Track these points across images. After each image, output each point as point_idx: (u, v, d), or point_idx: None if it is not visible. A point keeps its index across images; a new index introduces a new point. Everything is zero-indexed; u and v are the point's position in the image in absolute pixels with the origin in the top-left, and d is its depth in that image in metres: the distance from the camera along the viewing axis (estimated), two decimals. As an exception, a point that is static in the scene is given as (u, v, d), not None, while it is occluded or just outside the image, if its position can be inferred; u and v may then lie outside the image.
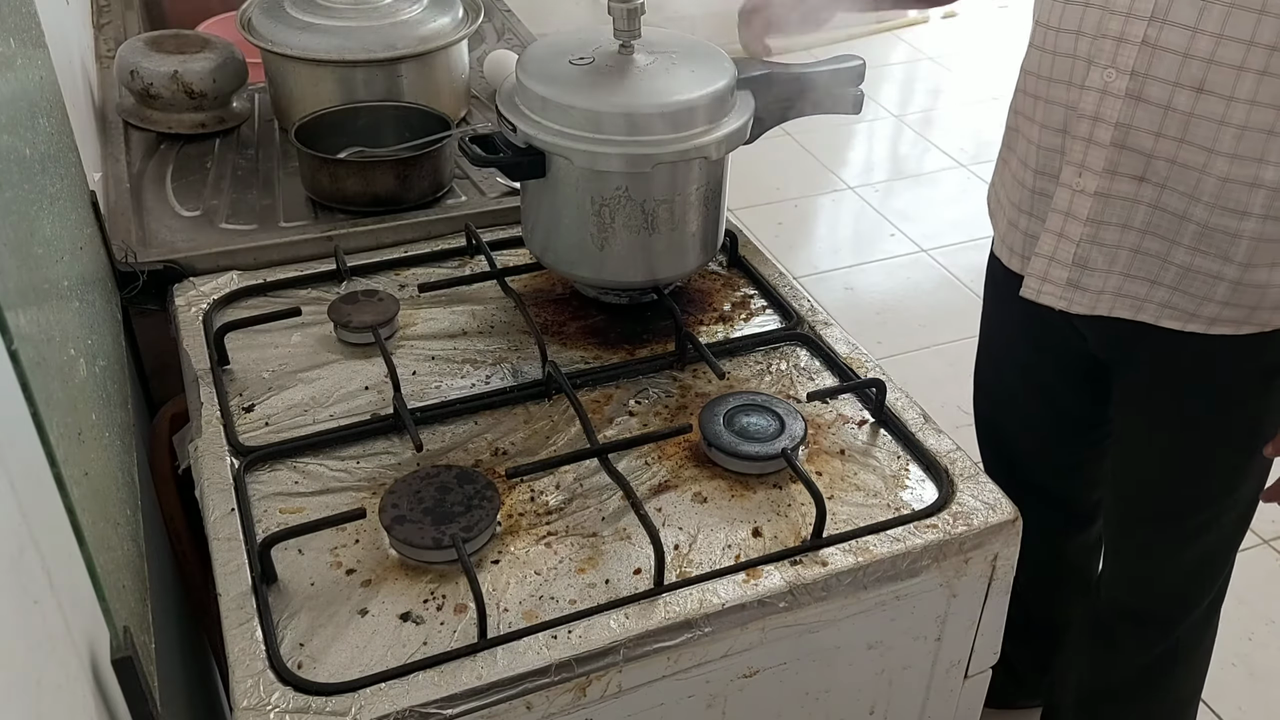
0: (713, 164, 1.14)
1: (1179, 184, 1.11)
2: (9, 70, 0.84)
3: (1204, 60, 1.05)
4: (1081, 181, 1.17)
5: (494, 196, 1.41)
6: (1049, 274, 1.23)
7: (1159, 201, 1.13)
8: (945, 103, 4.11)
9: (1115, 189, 1.15)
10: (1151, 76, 1.09)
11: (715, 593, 0.91)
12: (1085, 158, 1.15)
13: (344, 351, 1.17)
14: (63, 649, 0.63)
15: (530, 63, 1.14)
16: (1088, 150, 1.15)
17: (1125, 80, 1.10)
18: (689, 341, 1.15)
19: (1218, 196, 1.09)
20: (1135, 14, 1.08)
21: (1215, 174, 1.08)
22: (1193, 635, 1.46)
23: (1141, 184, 1.14)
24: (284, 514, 0.97)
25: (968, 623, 1.03)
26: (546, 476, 1.02)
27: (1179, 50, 1.06)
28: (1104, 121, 1.13)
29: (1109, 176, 1.15)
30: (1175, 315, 1.19)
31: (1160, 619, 1.44)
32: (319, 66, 1.45)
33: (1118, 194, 1.15)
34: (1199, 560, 1.38)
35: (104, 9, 1.90)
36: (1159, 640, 1.45)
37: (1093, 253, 1.19)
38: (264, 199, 1.40)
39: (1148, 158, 1.12)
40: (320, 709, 0.80)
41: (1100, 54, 1.11)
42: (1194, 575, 1.40)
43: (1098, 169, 1.15)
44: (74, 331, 0.87)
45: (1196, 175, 1.09)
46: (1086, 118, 1.14)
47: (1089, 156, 1.15)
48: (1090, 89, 1.13)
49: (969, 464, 1.04)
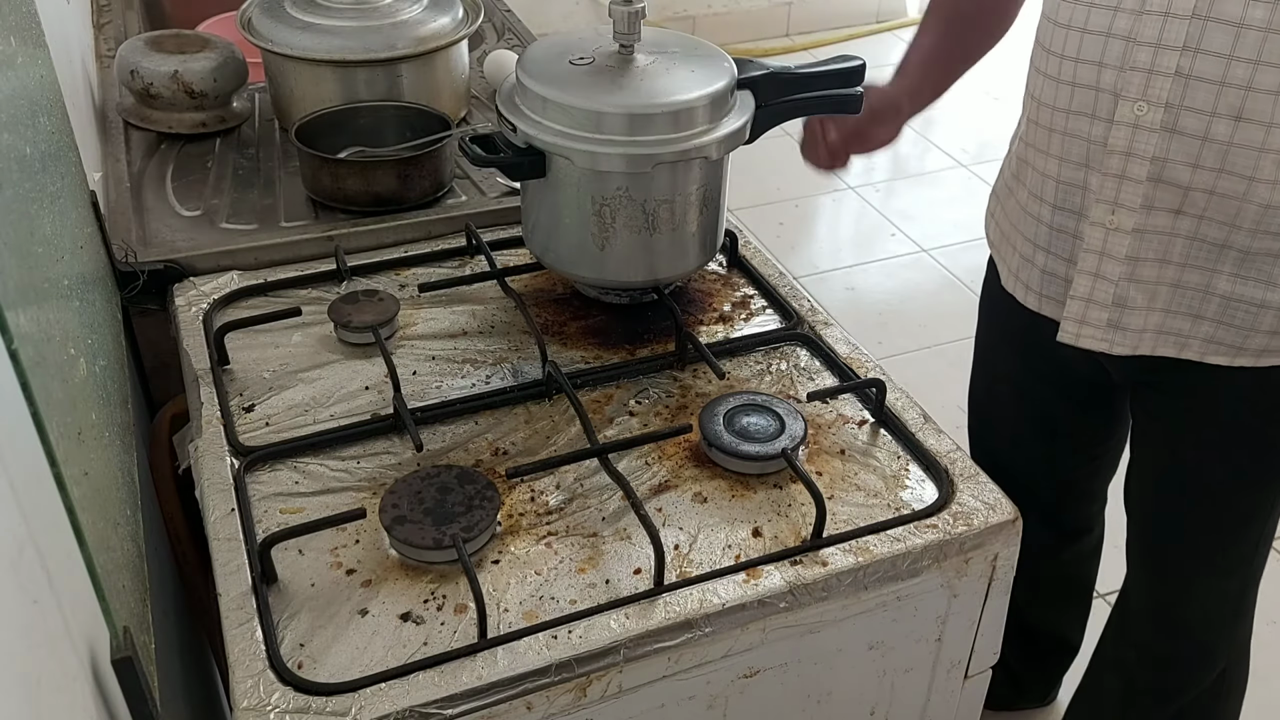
0: (713, 164, 1.14)
1: (1218, 214, 1.06)
2: (9, 69, 0.84)
3: (1241, 88, 1.01)
4: (1116, 219, 1.11)
5: (494, 196, 1.41)
6: (1087, 316, 1.17)
7: (1197, 232, 1.09)
8: (945, 103, 4.09)
9: (1151, 224, 1.10)
10: (1187, 108, 1.04)
11: (715, 593, 0.91)
12: (1119, 195, 1.10)
13: (344, 351, 1.17)
14: (63, 649, 0.63)
15: (530, 63, 1.14)
16: (1121, 187, 1.10)
17: (1160, 113, 1.05)
18: (689, 341, 1.15)
19: (1259, 222, 1.05)
20: (1166, 44, 1.03)
21: (1256, 201, 1.04)
22: (1236, 670, 1.42)
23: (1179, 216, 1.09)
24: (284, 514, 0.97)
25: (968, 623, 1.03)
26: (547, 476, 1.01)
27: (1215, 79, 1.02)
28: (1138, 157, 1.08)
29: (1145, 212, 1.10)
30: (1222, 350, 1.14)
31: (1191, 662, 1.38)
32: (319, 66, 1.45)
33: (1154, 229, 1.10)
34: (1232, 596, 1.33)
35: (104, 9, 1.89)
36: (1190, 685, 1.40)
37: (1132, 291, 1.14)
38: (264, 199, 1.40)
39: (1184, 190, 1.07)
40: (320, 709, 0.80)
41: (1129, 87, 1.06)
42: (1228, 613, 1.35)
43: (1134, 206, 1.10)
44: (74, 331, 0.87)
45: (1236, 204, 1.05)
46: (1118, 153, 1.09)
47: (1123, 194, 1.10)
48: (1121, 124, 1.08)
49: (969, 464, 1.04)
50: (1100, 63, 1.08)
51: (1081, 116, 1.12)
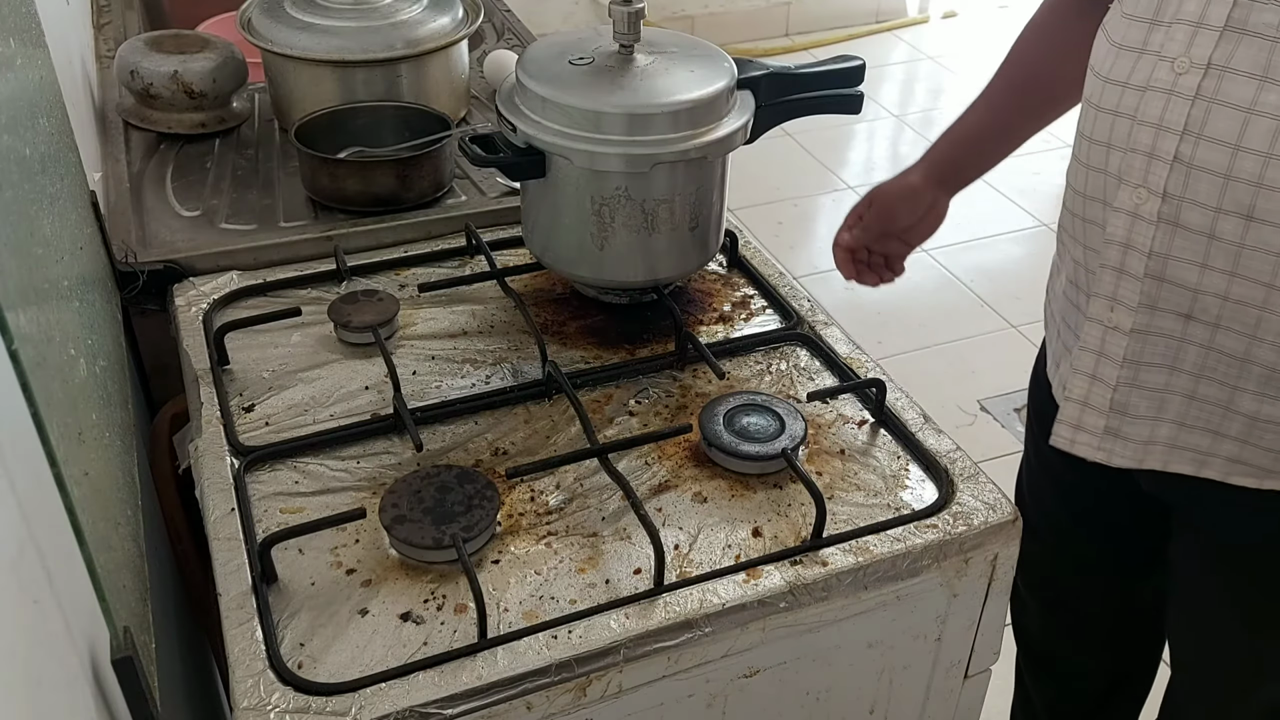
0: (713, 164, 1.14)
1: (1235, 322, 0.93)
2: (9, 70, 0.84)
3: (1250, 184, 0.88)
4: (1114, 317, 1.00)
5: (494, 196, 1.41)
6: (1082, 421, 1.06)
7: (1213, 342, 0.96)
8: (945, 103, 4.11)
9: (1156, 325, 0.98)
10: (1189, 200, 0.92)
11: (715, 593, 0.91)
12: (1117, 290, 0.99)
13: (344, 351, 1.17)
14: (63, 649, 0.63)
15: (530, 63, 1.14)
16: (1119, 282, 0.99)
17: (1157, 203, 0.93)
18: (689, 341, 1.15)
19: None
20: (1166, 126, 0.92)
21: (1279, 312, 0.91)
22: None
23: (1189, 322, 0.96)
24: (284, 514, 0.97)
25: (968, 623, 1.03)
26: (546, 476, 1.02)
27: (1219, 171, 0.90)
28: (1135, 250, 0.97)
29: (1148, 312, 0.98)
30: (1249, 471, 1.00)
31: None
32: (319, 66, 1.45)
33: (1160, 331, 0.98)
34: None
35: (104, 9, 1.89)
36: None
37: (1133, 397, 1.02)
38: (264, 199, 1.40)
39: (1193, 292, 0.95)
40: (320, 709, 0.80)
41: (1130, 171, 0.95)
42: None
43: (1132, 304, 0.98)
44: (74, 331, 0.87)
45: (1256, 313, 0.92)
46: (1116, 244, 0.98)
47: (1121, 289, 0.99)
48: (1120, 211, 0.97)
49: (969, 464, 1.04)
50: (1109, 143, 0.98)
51: (1095, 202, 1.02)
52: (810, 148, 3.68)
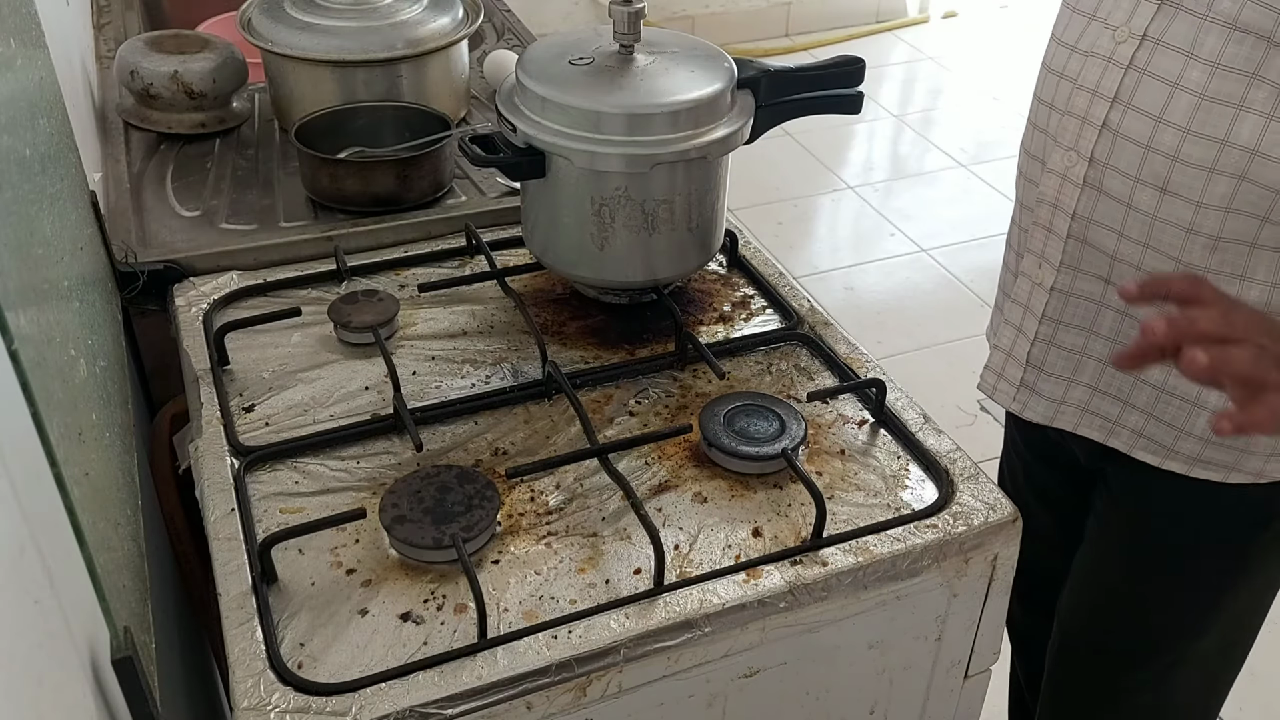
0: (713, 164, 1.14)
1: None
2: (9, 70, 0.84)
3: (1167, 157, 0.91)
4: (1040, 274, 1.05)
5: (494, 196, 1.41)
6: (1005, 371, 1.11)
7: (1128, 309, 1.00)
8: (945, 103, 4.11)
9: (1078, 288, 1.03)
10: (1112, 167, 0.95)
11: (715, 593, 0.91)
12: (1044, 248, 1.04)
13: (344, 351, 1.17)
14: (63, 649, 0.63)
15: (530, 63, 1.14)
16: (1047, 240, 1.03)
17: (1084, 167, 0.97)
18: (689, 341, 1.15)
19: None
20: (1100, 93, 0.95)
21: None
22: None
23: (1108, 287, 1.01)
24: (284, 514, 0.97)
25: (968, 622, 1.03)
26: (546, 476, 1.02)
27: (1141, 141, 0.92)
28: (1062, 211, 1.01)
29: (1070, 273, 1.03)
30: (1151, 448, 1.05)
31: None
32: (319, 66, 1.45)
33: (1080, 293, 1.03)
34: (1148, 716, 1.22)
35: (104, 9, 1.90)
36: None
37: (1050, 355, 1.07)
38: (264, 199, 1.40)
39: (1111, 259, 0.99)
40: (320, 709, 0.80)
41: (1064, 133, 0.99)
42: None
43: (1055, 262, 1.03)
44: (74, 331, 0.87)
45: None
46: (1046, 203, 1.02)
47: (1048, 247, 1.03)
48: (1052, 172, 1.01)
49: (969, 464, 1.04)
50: (1051, 104, 1.02)
51: (1036, 160, 1.05)
52: (810, 148, 3.68)
